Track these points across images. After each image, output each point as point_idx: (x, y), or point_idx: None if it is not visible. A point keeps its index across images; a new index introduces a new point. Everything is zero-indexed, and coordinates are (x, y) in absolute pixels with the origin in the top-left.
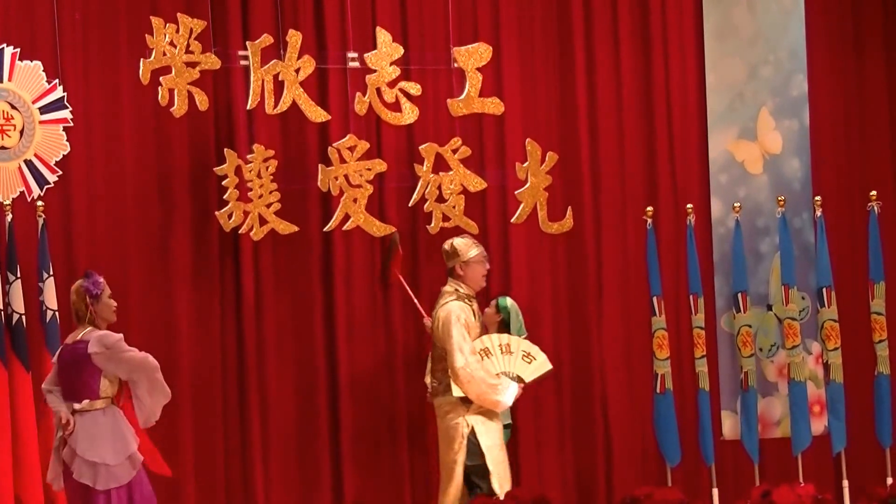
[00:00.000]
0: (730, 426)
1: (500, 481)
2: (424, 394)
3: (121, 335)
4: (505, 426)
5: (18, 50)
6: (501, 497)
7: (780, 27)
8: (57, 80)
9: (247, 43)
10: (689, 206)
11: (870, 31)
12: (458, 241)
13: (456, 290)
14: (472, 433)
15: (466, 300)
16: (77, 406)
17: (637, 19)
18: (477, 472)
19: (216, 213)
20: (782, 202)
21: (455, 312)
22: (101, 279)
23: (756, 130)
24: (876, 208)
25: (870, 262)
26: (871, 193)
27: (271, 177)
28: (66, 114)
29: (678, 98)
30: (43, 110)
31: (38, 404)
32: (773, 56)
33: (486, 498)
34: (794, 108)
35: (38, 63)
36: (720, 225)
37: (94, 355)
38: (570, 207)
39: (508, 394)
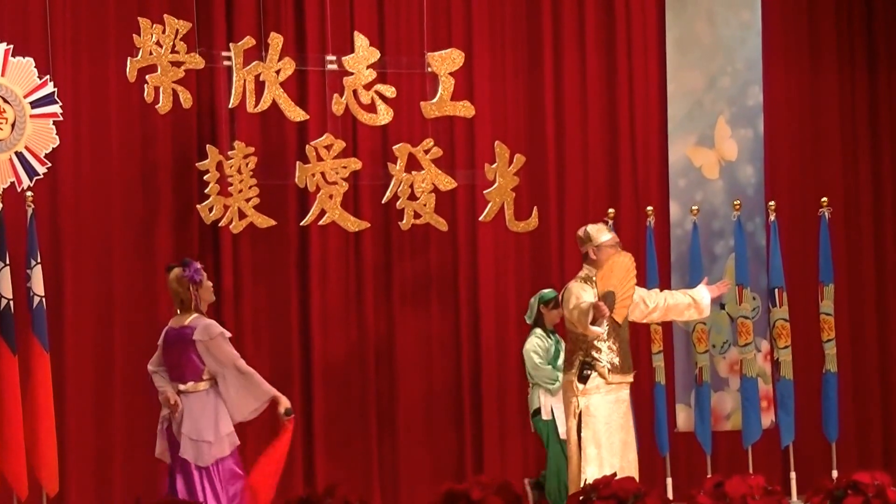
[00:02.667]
0: (684, 419)
1: (606, 454)
2: (394, 382)
3: (224, 332)
4: None
5: (11, 46)
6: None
7: (738, 40)
8: (48, 76)
9: (230, 44)
10: (648, 208)
11: (824, 46)
12: (591, 226)
13: (587, 275)
14: (582, 413)
15: (590, 283)
16: (182, 387)
17: (603, 30)
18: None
19: (197, 206)
20: (738, 206)
21: (573, 291)
22: (199, 264)
23: (713, 138)
24: (826, 214)
25: (820, 265)
26: (822, 200)
27: (251, 172)
28: (56, 108)
29: (640, 105)
30: (34, 105)
31: (23, 386)
32: (730, 67)
33: (453, 485)
34: (750, 118)
35: (31, 59)
36: (678, 227)
37: (198, 342)
38: (535, 207)
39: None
